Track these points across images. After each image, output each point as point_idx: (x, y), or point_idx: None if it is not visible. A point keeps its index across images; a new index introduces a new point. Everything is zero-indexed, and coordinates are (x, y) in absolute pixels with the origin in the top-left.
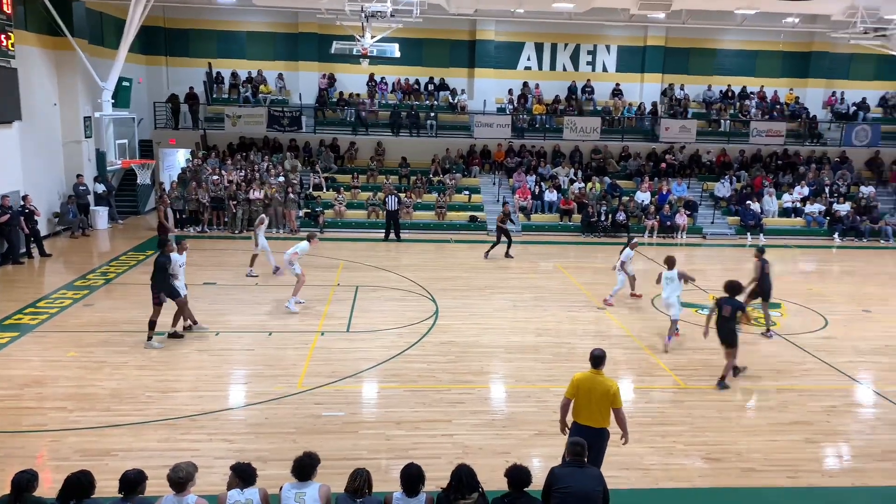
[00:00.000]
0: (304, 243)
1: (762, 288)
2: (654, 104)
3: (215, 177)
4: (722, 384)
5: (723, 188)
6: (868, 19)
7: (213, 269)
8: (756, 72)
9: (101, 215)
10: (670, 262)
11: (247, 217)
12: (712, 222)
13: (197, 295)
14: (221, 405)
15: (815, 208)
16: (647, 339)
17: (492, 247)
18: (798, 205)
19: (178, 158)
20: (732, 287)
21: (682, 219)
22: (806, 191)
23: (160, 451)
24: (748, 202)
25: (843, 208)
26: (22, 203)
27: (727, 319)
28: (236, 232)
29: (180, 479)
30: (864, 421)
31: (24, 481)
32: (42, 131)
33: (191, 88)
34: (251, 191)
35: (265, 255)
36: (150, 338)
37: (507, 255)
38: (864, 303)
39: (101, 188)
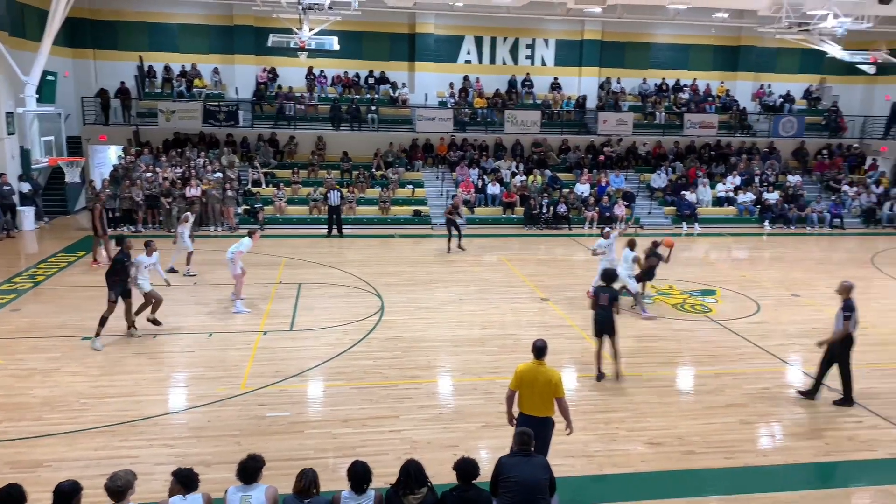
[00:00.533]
0: (247, 240)
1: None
2: (584, 98)
3: (149, 174)
4: (601, 376)
5: (659, 179)
6: (792, 14)
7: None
8: (689, 65)
9: (27, 215)
10: (632, 244)
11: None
12: (649, 213)
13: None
14: (161, 409)
15: (746, 197)
16: (589, 329)
17: (449, 240)
18: (730, 194)
19: (109, 155)
20: (608, 276)
21: (620, 210)
22: (737, 180)
23: (97, 460)
24: (683, 192)
25: (772, 197)
26: None
27: (604, 308)
28: (172, 231)
29: (118, 487)
30: (795, 401)
31: None
32: None
33: (122, 83)
34: (188, 188)
35: (180, 252)
36: (97, 334)
37: (458, 246)
38: (793, 287)
39: (26, 187)
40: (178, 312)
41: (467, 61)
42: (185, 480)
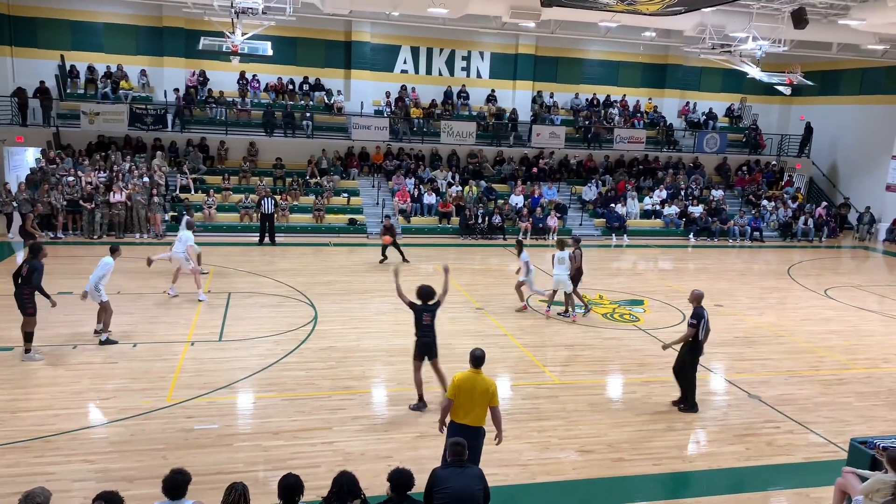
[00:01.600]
0: (189, 233)
1: (577, 274)
2: (515, 111)
3: (70, 178)
4: (417, 406)
5: (589, 192)
6: (715, 36)
7: (69, 277)
8: (619, 81)
9: None
10: (562, 245)
11: (107, 221)
12: (580, 224)
13: (48, 304)
14: (80, 423)
15: (672, 210)
16: (522, 338)
17: (400, 255)
18: (657, 207)
19: (26, 157)
20: (427, 293)
21: (553, 221)
22: (664, 194)
23: (9, 478)
24: (612, 205)
25: (697, 210)
26: None
27: (429, 328)
28: (95, 237)
29: None
30: (718, 408)
31: None
32: None
33: (41, 82)
34: (112, 193)
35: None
36: (27, 350)
37: (403, 259)
38: (716, 298)
39: None
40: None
41: (404, 71)
42: (110, 500)
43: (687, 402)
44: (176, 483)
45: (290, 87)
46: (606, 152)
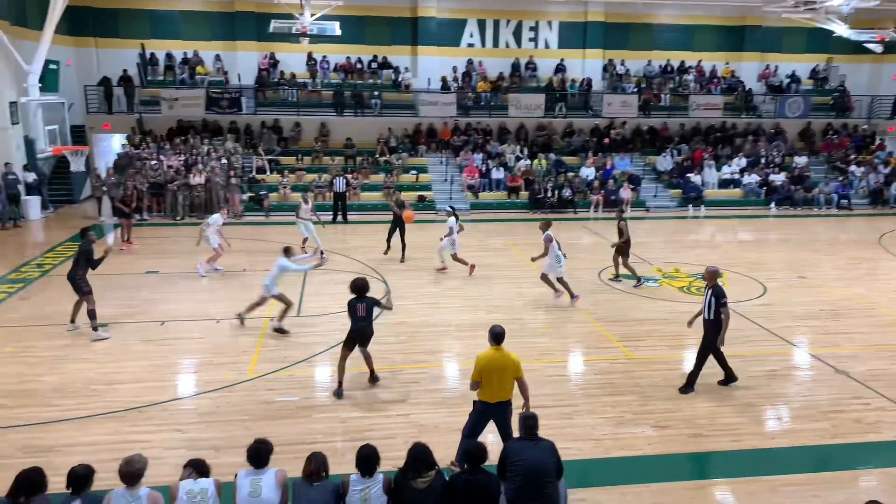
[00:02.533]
0: (216, 215)
1: (626, 245)
2: (589, 80)
3: (153, 162)
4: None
5: (664, 161)
6: None
7: (155, 258)
8: (694, 46)
9: (32, 205)
10: (545, 226)
11: (188, 203)
12: (655, 195)
13: (139, 284)
14: (170, 395)
15: (752, 179)
16: (595, 312)
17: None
18: (736, 176)
19: (113, 144)
20: (359, 287)
21: (626, 193)
22: (743, 162)
23: (108, 445)
24: (689, 175)
25: (779, 178)
26: None
27: (363, 319)
28: (178, 218)
29: (133, 471)
30: (802, 383)
31: None
32: None
33: (124, 71)
34: (191, 175)
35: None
36: (95, 328)
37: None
38: (800, 269)
39: (31, 177)
40: (187, 299)
41: (470, 45)
42: (198, 468)
43: (688, 379)
44: (259, 452)
45: (359, 66)
46: (682, 120)
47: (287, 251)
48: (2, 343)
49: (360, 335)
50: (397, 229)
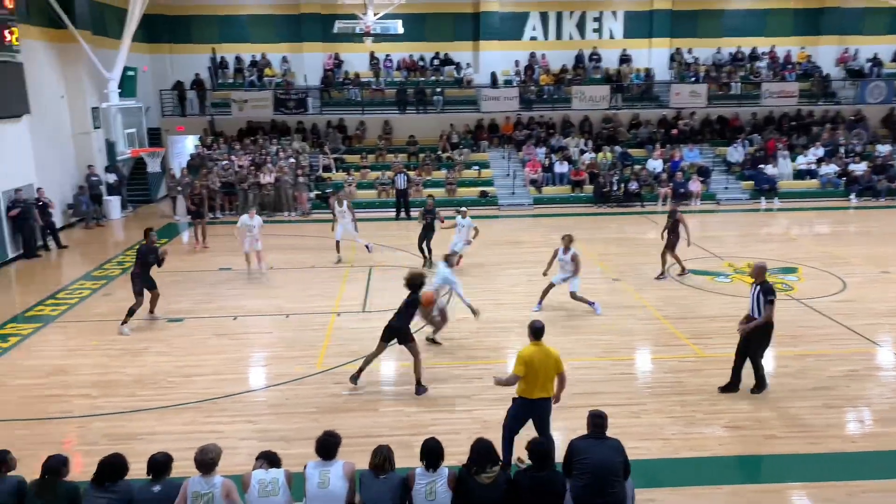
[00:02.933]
0: (244, 216)
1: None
2: (652, 71)
3: (225, 162)
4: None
5: (735, 153)
6: None
7: (227, 255)
8: (766, 31)
9: (113, 205)
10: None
11: (258, 201)
12: (726, 188)
13: (214, 280)
14: (243, 387)
15: (830, 169)
16: (663, 309)
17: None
18: (813, 166)
19: (186, 145)
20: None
21: (695, 185)
22: (821, 152)
23: (184, 434)
24: (762, 166)
25: (860, 168)
26: (36, 196)
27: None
28: None
29: (209, 460)
30: (886, 384)
31: (56, 465)
32: (51, 124)
33: (196, 75)
34: (261, 175)
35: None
36: (124, 322)
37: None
38: (882, 264)
39: (112, 178)
40: (258, 295)
41: (533, 38)
42: (269, 459)
43: (757, 382)
44: (328, 445)
45: (421, 63)
46: (753, 109)
47: (447, 259)
48: (87, 337)
49: (385, 330)
50: (428, 235)
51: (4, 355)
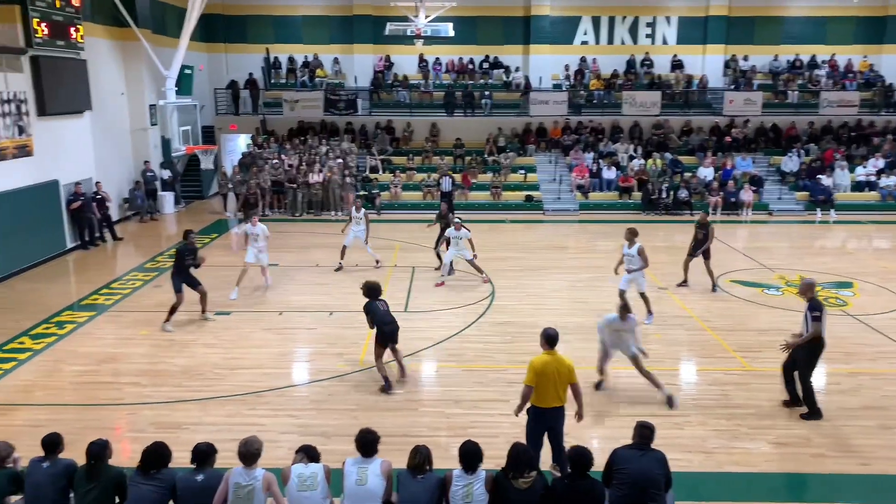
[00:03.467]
0: (248, 224)
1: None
2: (705, 77)
3: (275, 161)
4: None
5: (790, 162)
6: None
7: (274, 251)
8: (827, 39)
9: (167, 200)
10: (632, 235)
11: (307, 200)
12: (779, 198)
13: (261, 276)
14: (286, 382)
15: (891, 181)
16: (710, 321)
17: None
18: (872, 178)
19: (238, 143)
20: (372, 289)
21: (747, 195)
22: (881, 163)
23: (228, 426)
24: (818, 176)
25: None
26: (94, 189)
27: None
28: (297, 215)
29: (251, 452)
30: None
31: (98, 450)
32: (111, 120)
33: (250, 74)
34: (310, 174)
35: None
36: (166, 320)
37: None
38: None
39: (167, 174)
40: (303, 291)
41: (584, 42)
42: (309, 452)
43: (808, 408)
44: (368, 442)
45: (471, 66)
46: (811, 118)
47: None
48: (138, 327)
49: (389, 333)
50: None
51: (60, 342)
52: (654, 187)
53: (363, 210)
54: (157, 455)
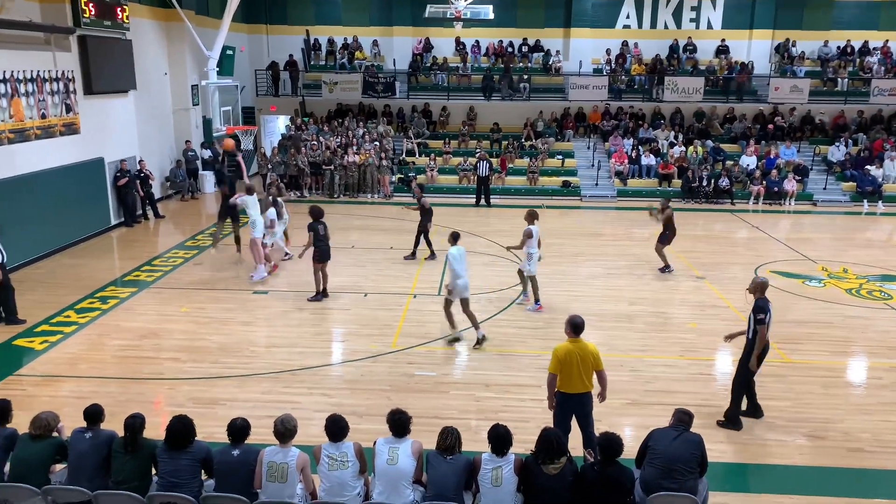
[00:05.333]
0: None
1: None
2: (751, 63)
3: (314, 143)
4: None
5: (837, 152)
6: None
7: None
8: (881, 24)
9: (207, 179)
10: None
11: (343, 182)
12: (824, 188)
13: (294, 255)
14: (320, 361)
15: None
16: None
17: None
18: None
19: (278, 125)
20: (316, 212)
21: (790, 184)
22: None
23: (263, 403)
24: (867, 167)
25: None
26: (138, 168)
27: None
28: (334, 196)
29: (289, 430)
30: None
31: (135, 423)
32: (154, 100)
33: (290, 56)
34: (346, 156)
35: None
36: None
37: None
38: None
39: (207, 154)
40: (339, 272)
41: (626, 26)
42: (333, 429)
43: (727, 417)
44: (400, 423)
45: (510, 49)
46: (861, 107)
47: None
48: (178, 303)
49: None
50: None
51: (104, 316)
52: (694, 175)
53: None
54: (186, 431)
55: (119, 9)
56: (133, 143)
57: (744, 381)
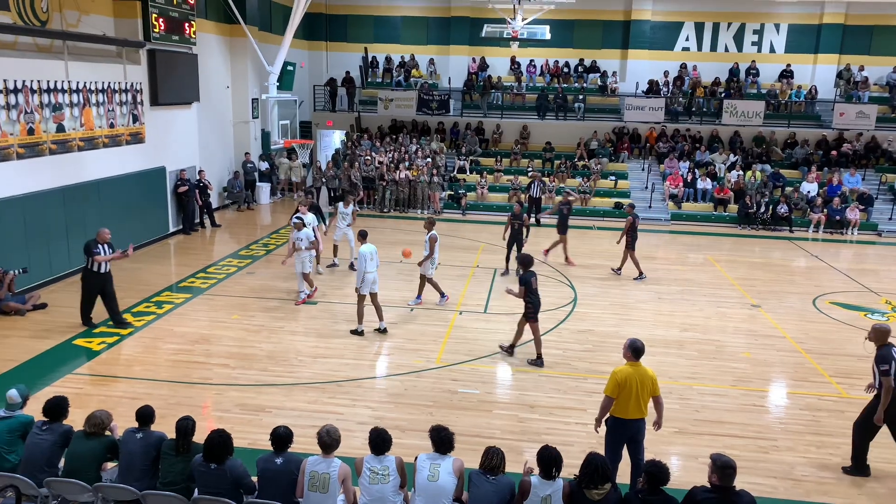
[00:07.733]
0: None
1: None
2: (815, 88)
3: (367, 157)
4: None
5: None
6: None
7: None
8: None
9: (264, 191)
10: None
11: (394, 197)
12: (890, 218)
13: (345, 267)
14: (365, 374)
15: None
16: (804, 342)
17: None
18: None
19: (333, 139)
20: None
21: (853, 213)
22: None
23: (308, 412)
24: None
25: None
26: (198, 177)
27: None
28: (385, 211)
29: (330, 441)
30: None
31: (190, 427)
32: (216, 112)
33: (347, 72)
34: (397, 172)
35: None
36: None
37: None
38: None
39: (265, 166)
40: (385, 286)
41: (685, 48)
42: (377, 441)
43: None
44: (443, 439)
45: (566, 69)
46: None
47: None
48: (229, 310)
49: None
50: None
51: (158, 321)
52: (751, 200)
53: (352, 206)
54: (224, 446)
55: (187, 24)
56: (194, 154)
57: (865, 431)
